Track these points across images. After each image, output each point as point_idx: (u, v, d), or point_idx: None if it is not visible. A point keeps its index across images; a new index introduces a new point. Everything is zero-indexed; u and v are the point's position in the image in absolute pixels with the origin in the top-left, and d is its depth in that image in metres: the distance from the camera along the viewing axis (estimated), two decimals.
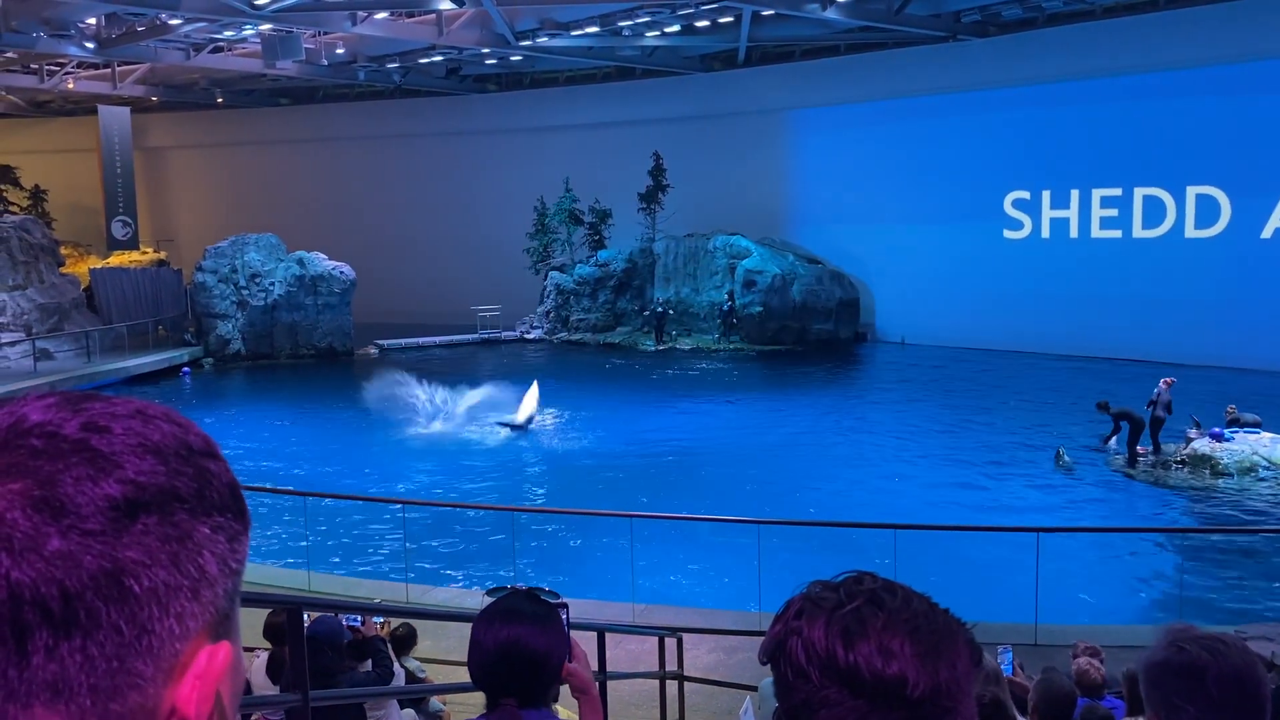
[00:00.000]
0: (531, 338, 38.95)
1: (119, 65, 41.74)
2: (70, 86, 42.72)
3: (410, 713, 6.56)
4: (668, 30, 34.45)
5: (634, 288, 38.50)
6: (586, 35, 34.08)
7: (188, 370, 33.10)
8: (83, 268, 37.83)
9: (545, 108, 43.10)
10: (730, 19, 33.40)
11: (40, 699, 0.65)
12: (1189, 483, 17.60)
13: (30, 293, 32.68)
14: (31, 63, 40.17)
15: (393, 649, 6.97)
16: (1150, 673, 1.99)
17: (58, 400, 0.73)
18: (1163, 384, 18.98)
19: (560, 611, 2.40)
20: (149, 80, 43.79)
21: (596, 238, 39.52)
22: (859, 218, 36.44)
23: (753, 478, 18.83)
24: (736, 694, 8.66)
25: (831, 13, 29.73)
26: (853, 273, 36.94)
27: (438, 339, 38.42)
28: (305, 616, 4.76)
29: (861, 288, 36.95)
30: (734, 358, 34.18)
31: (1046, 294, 32.15)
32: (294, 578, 12.57)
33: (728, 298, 35.71)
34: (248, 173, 48.61)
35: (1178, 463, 18.25)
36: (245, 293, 35.13)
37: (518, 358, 35.21)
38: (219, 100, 46.90)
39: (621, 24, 33.08)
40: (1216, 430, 18.46)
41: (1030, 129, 32.35)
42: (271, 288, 35.27)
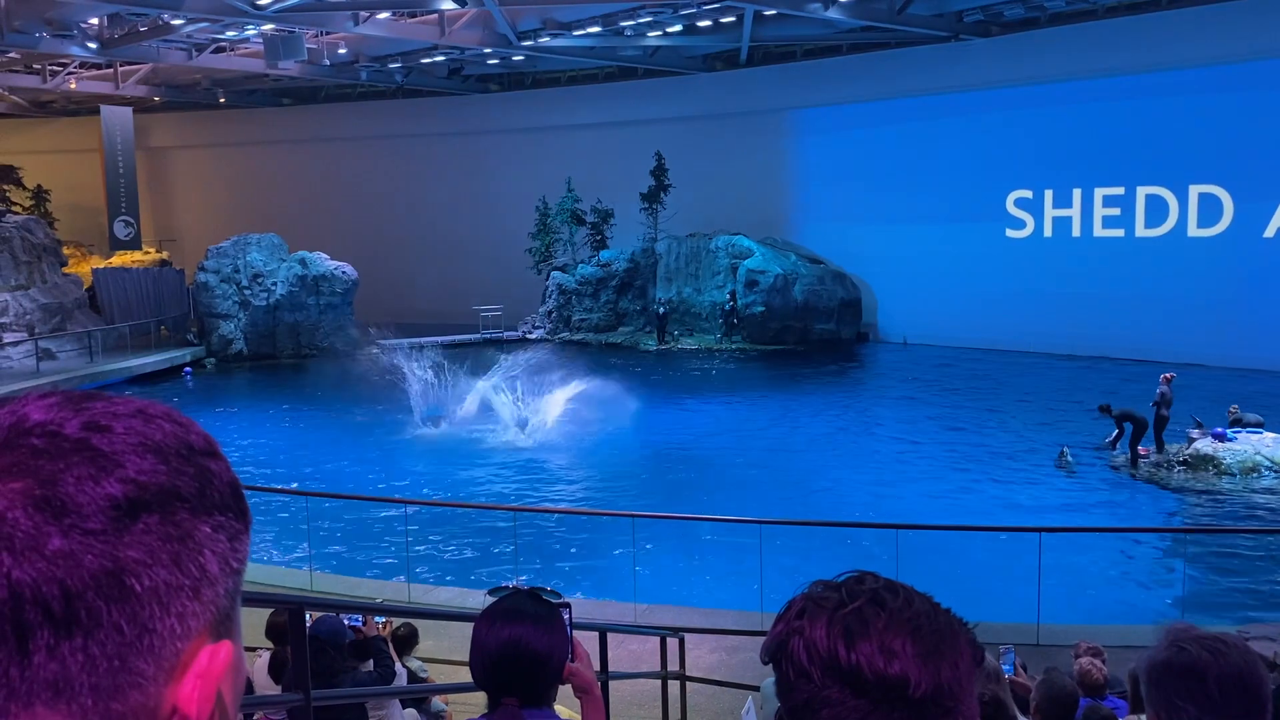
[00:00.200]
0: (533, 338, 38.96)
1: (121, 65, 41.76)
2: (73, 86, 42.74)
3: (412, 713, 6.56)
4: (670, 30, 34.43)
5: (636, 288, 38.50)
6: (588, 35, 34.08)
7: (190, 370, 33.12)
8: (85, 268, 37.89)
9: (547, 108, 43.10)
10: (732, 19, 33.36)
11: (42, 698, 0.65)
12: (1191, 483, 17.58)
13: (33, 293, 32.72)
14: (34, 63, 40.21)
15: (394, 649, 6.98)
16: (1151, 673, 1.99)
17: (59, 399, 0.73)
18: (1164, 380, 18.97)
19: (562, 611, 2.40)
20: (151, 80, 43.82)
21: (598, 238, 39.51)
22: (861, 218, 36.42)
23: (754, 478, 18.81)
24: (738, 694, 8.66)
25: (834, 12, 29.71)
26: (855, 273, 36.91)
27: (440, 339, 38.42)
28: (307, 616, 4.76)
29: (864, 288, 36.92)
30: (736, 358, 34.18)
31: (1049, 293, 32.11)
32: (296, 577, 12.58)
33: (730, 298, 35.69)
34: (250, 173, 48.62)
35: (1180, 463, 18.23)
36: (247, 293, 35.14)
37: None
38: (221, 100, 46.92)
39: (623, 24, 33.07)
40: (1219, 430, 18.45)
41: (1032, 128, 32.31)
42: (274, 288, 35.28)
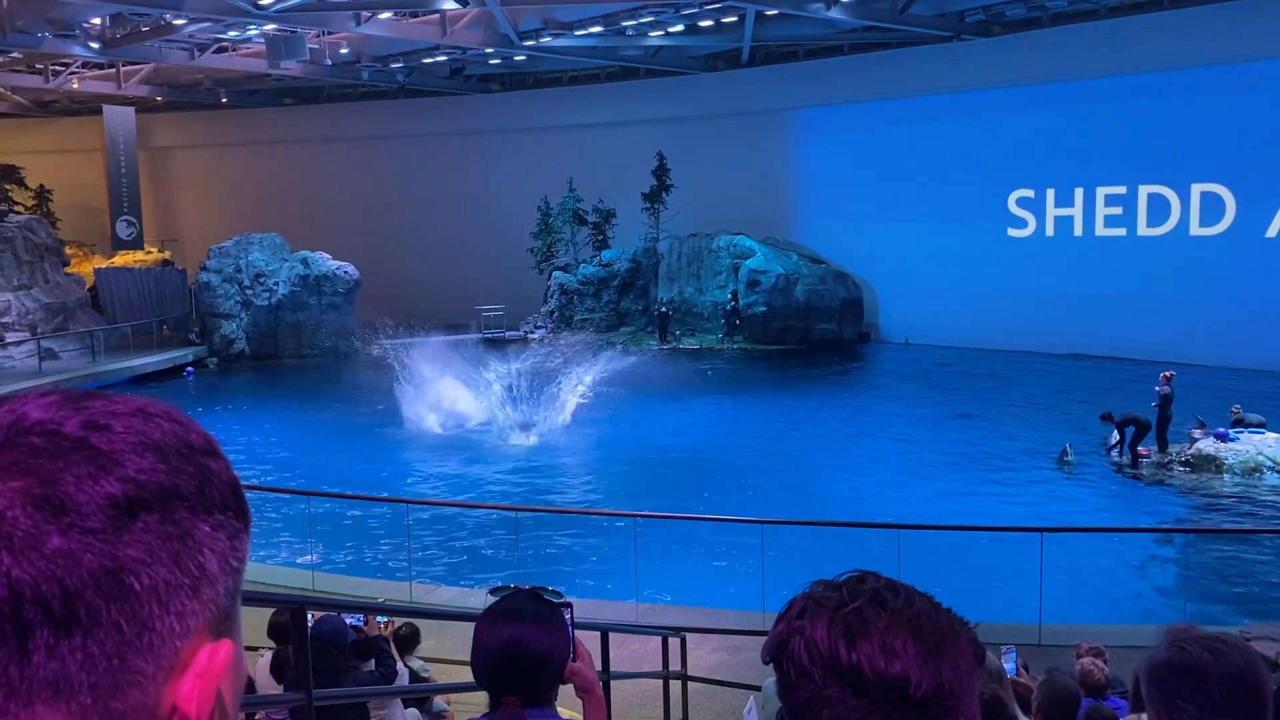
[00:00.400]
0: (535, 338, 38.94)
1: (124, 65, 41.78)
2: (75, 86, 42.77)
3: (414, 712, 6.56)
4: (671, 30, 34.42)
5: (638, 288, 38.49)
6: (590, 35, 34.07)
7: (191, 370, 33.13)
8: (87, 267, 37.93)
9: (549, 108, 43.09)
10: (734, 19, 33.35)
11: (41, 697, 0.65)
12: (1193, 483, 17.57)
13: (35, 292, 32.74)
14: (37, 63, 40.23)
15: (396, 648, 6.98)
16: (1152, 673, 1.99)
17: (59, 398, 0.73)
18: (1163, 379, 18.95)
19: (564, 611, 2.40)
20: (154, 80, 43.84)
21: (600, 237, 39.50)
22: (863, 218, 36.40)
23: (756, 477, 18.79)
24: (740, 694, 8.65)
25: (835, 12, 29.70)
26: (857, 273, 36.89)
27: (441, 339, 38.36)
28: (309, 616, 4.76)
29: (865, 287, 36.90)
30: (737, 358, 34.17)
31: (1050, 293, 32.07)
32: (298, 577, 12.58)
33: (731, 298, 35.68)
34: (252, 172, 48.63)
35: (1182, 463, 18.22)
36: (249, 292, 35.15)
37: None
38: (223, 100, 46.93)
39: (625, 24, 33.06)
40: (1221, 430, 18.45)
41: (1034, 128, 32.28)
42: (276, 287, 35.29)
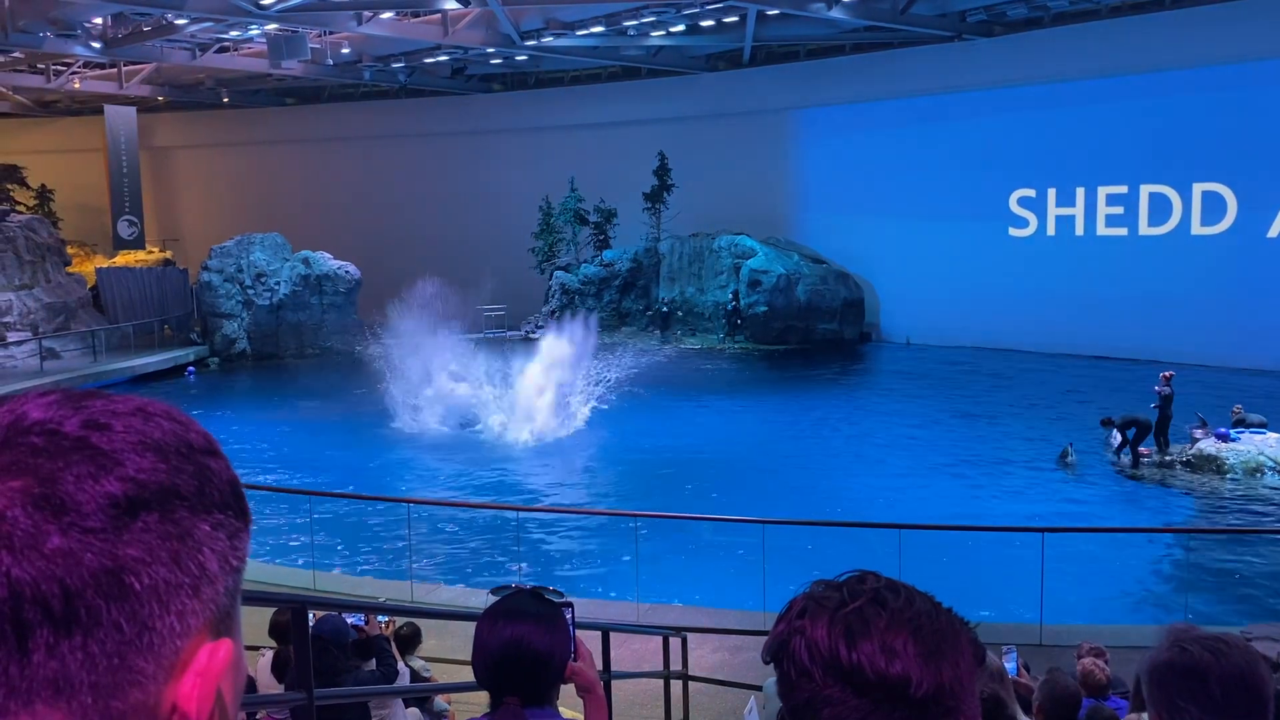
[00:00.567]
0: (536, 338, 38.92)
1: (125, 65, 41.82)
2: (76, 86, 42.80)
3: (415, 712, 6.56)
4: (673, 30, 34.43)
5: (639, 287, 38.49)
6: (591, 35, 34.08)
7: (193, 370, 33.14)
8: (89, 267, 37.92)
9: (550, 107, 43.09)
10: (735, 19, 33.36)
11: (41, 696, 0.65)
12: (1194, 483, 17.56)
13: (37, 292, 32.75)
14: (38, 63, 40.28)
15: (397, 648, 6.98)
16: (1153, 673, 1.98)
17: (58, 398, 0.73)
18: (1163, 379, 18.94)
19: (565, 610, 2.40)
20: (155, 80, 43.87)
21: (601, 237, 39.51)
22: (864, 217, 36.40)
23: (756, 477, 18.78)
24: (741, 693, 8.65)
25: (837, 12, 29.70)
26: (858, 272, 36.89)
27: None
28: (310, 615, 4.76)
29: (866, 287, 36.90)
30: (739, 358, 34.16)
31: (1052, 292, 32.07)
32: (299, 576, 12.58)
33: (732, 297, 35.68)
34: (253, 172, 48.66)
35: (1182, 463, 18.22)
36: (251, 292, 35.16)
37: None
38: (225, 100, 46.96)
39: (626, 24, 33.08)
40: (1222, 430, 18.44)
41: (1035, 127, 32.28)
42: (277, 287, 35.30)
